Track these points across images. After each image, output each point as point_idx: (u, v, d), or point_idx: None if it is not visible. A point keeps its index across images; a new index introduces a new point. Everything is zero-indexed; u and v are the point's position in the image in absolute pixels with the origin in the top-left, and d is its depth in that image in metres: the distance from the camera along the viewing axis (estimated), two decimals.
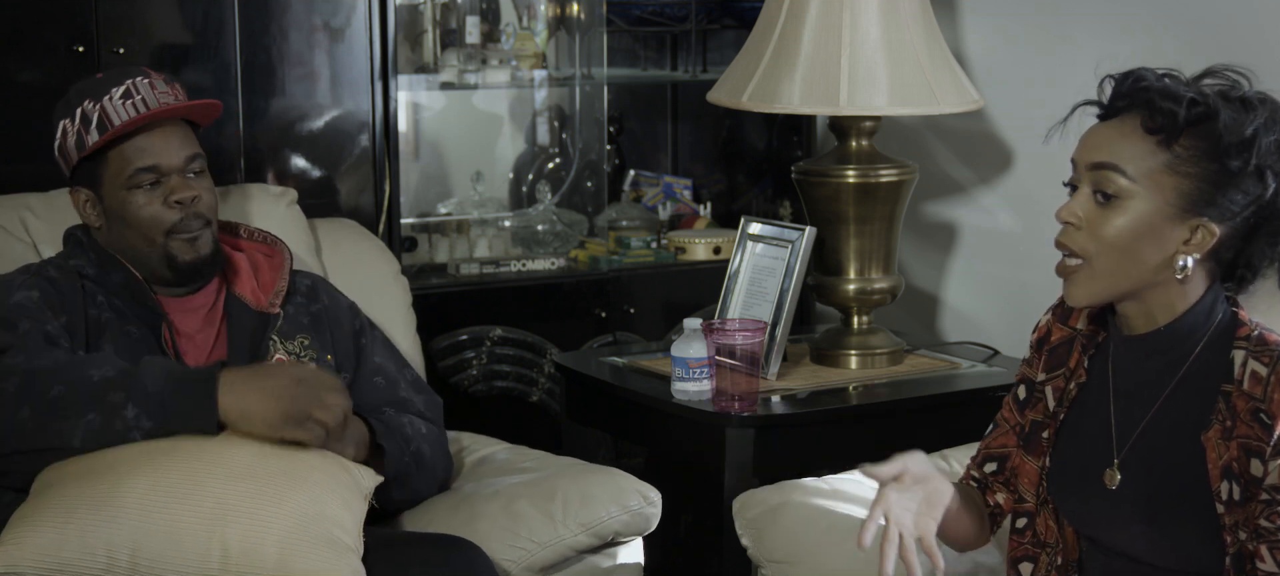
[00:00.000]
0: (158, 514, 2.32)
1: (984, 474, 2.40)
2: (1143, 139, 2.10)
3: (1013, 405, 2.37)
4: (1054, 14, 3.59)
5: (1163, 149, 2.09)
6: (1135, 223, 2.10)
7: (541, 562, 2.71)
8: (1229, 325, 2.15)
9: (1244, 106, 2.09)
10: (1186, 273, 2.11)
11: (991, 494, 2.38)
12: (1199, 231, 2.10)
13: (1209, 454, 2.11)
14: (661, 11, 4.18)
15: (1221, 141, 2.07)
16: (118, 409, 2.41)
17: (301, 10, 3.50)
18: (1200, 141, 2.08)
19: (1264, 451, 2.06)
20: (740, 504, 2.83)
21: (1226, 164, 2.08)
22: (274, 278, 2.81)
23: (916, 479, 2.18)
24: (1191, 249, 2.10)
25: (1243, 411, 2.08)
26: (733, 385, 3.02)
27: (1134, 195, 2.10)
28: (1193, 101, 2.08)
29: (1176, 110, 2.08)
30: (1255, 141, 2.07)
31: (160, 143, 2.67)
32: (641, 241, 3.93)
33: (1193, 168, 2.09)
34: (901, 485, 2.17)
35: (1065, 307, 2.32)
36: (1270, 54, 3.08)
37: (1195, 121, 2.08)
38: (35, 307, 2.59)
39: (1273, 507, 2.05)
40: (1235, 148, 2.07)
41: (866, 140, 3.35)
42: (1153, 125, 2.09)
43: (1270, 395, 2.06)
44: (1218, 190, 2.08)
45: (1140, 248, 2.11)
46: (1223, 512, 2.09)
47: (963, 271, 3.89)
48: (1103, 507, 2.21)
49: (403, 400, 2.82)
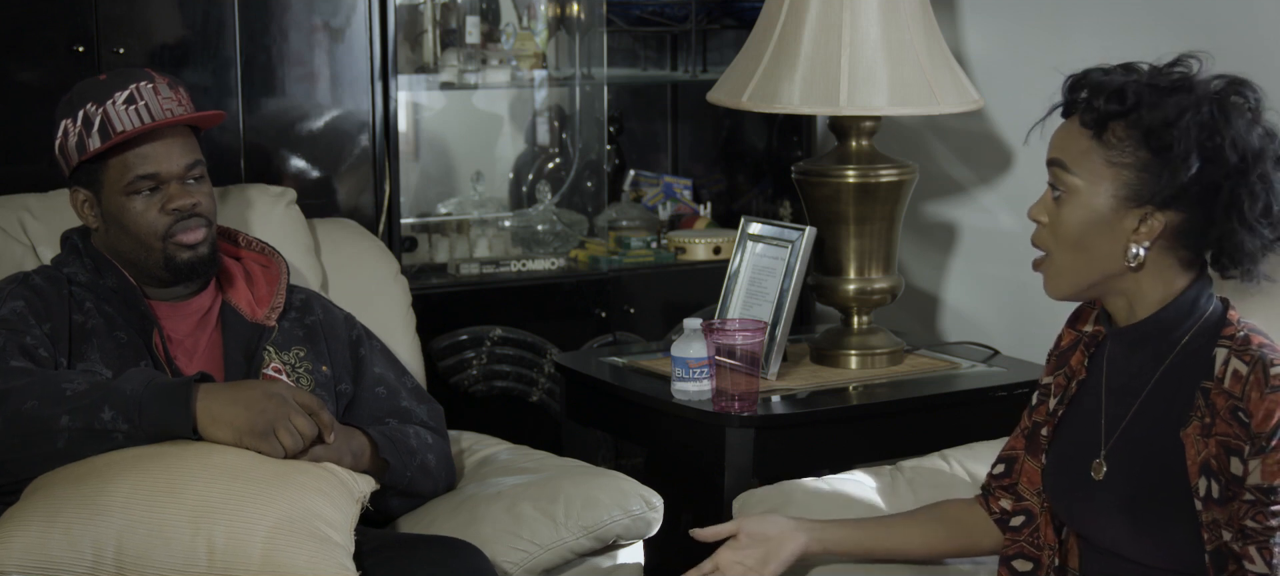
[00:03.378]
0: (144, 512, 2.32)
1: (991, 479, 2.43)
2: (1082, 134, 2.15)
3: (1027, 411, 2.41)
4: (1054, 14, 3.59)
5: (1097, 142, 2.14)
6: (1084, 216, 2.15)
7: (542, 565, 2.71)
8: (1217, 322, 2.17)
9: (1171, 91, 2.12)
10: (1139, 261, 2.14)
11: (996, 501, 2.41)
12: (1147, 220, 2.13)
13: (1188, 450, 2.12)
14: (661, 11, 4.18)
15: (1146, 128, 2.10)
16: (95, 410, 2.41)
17: (301, 10, 3.50)
18: (1132, 131, 2.12)
19: (1243, 450, 2.07)
20: (740, 504, 2.82)
21: (1154, 149, 2.10)
22: (270, 290, 2.80)
23: (753, 537, 2.39)
24: (1141, 238, 2.14)
25: (1222, 409, 2.10)
26: (733, 385, 3.02)
27: (1079, 190, 2.15)
28: (1117, 93, 2.12)
29: (1099, 103, 2.12)
30: (1176, 124, 2.10)
31: (162, 150, 2.67)
32: (641, 241, 3.93)
33: (1128, 157, 2.13)
34: (736, 543, 2.39)
35: (1077, 314, 2.36)
36: (1270, 54, 3.09)
37: (1124, 113, 2.12)
38: (17, 320, 2.59)
39: (1257, 507, 2.06)
40: (1158, 131, 2.10)
41: (866, 140, 3.35)
42: (1086, 120, 2.15)
43: (1249, 394, 2.08)
44: (1153, 177, 2.12)
45: (1092, 240, 2.15)
46: (1201, 509, 2.10)
47: (963, 271, 3.89)
48: (1089, 500, 2.23)
49: (405, 410, 2.82)
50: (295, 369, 2.74)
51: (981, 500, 2.44)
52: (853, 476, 2.88)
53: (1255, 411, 2.07)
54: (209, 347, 2.73)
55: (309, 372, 2.75)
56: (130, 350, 2.64)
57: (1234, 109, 2.11)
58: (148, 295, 2.71)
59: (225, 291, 2.79)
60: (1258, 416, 2.06)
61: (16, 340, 2.56)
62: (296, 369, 2.74)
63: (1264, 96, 2.15)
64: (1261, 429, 2.06)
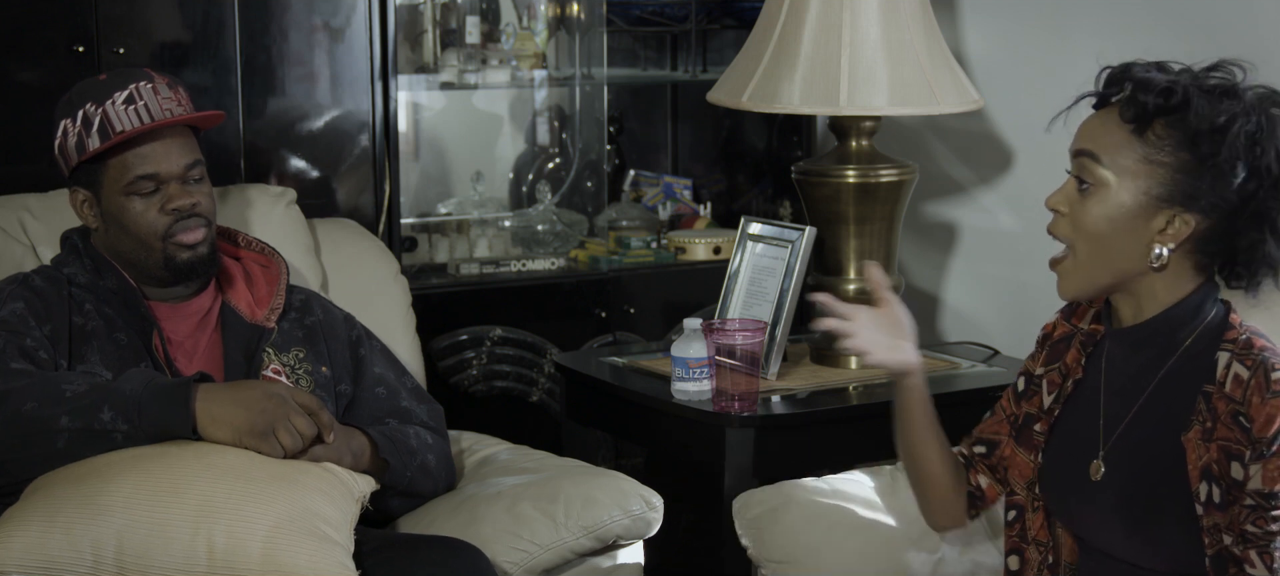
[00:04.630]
0: (144, 512, 2.33)
1: (972, 453, 2.42)
2: (1120, 128, 2.13)
3: (1011, 396, 2.40)
4: (1054, 14, 3.59)
5: (1137, 138, 2.11)
6: (1111, 211, 2.13)
7: (542, 565, 2.71)
8: (1219, 326, 2.16)
9: (1221, 96, 2.10)
10: (1162, 261, 2.12)
11: (975, 474, 2.41)
12: (1175, 221, 2.11)
13: (1188, 454, 2.12)
14: (661, 11, 4.18)
15: (1193, 131, 2.08)
16: (95, 411, 2.41)
17: (301, 10, 3.50)
18: (1174, 131, 2.10)
19: (1244, 454, 2.06)
20: (740, 504, 2.82)
21: (1198, 153, 2.09)
22: (270, 291, 2.80)
23: (894, 321, 2.36)
24: (1167, 239, 2.12)
25: (1223, 413, 2.09)
26: (733, 385, 3.02)
27: (1109, 183, 2.12)
28: (1165, 90, 2.09)
29: (1147, 99, 2.09)
30: (1227, 131, 2.08)
31: (161, 150, 2.67)
32: (641, 241, 3.93)
33: (1167, 157, 2.10)
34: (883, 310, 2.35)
35: (1071, 307, 2.34)
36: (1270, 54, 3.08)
37: (1168, 111, 2.10)
38: (17, 321, 2.59)
39: (1257, 512, 2.05)
40: (1206, 137, 2.08)
41: (866, 140, 3.35)
42: (1127, 114, 2.12)
43: (1249, 398, 2.07)
44: (1191, 180, 2.09)
45: (1116, 236, 2.13)
46: (1202, 514, 2.10)
47: (963, 271, 3.89)
48: (1086, 501, 2.23)
49: (405, 410, 2.82)
50: (295, 370, 2.74)
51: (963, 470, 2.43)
52: (853, 476, 2.88)
53: (1256, 416, 2.06)
54: (209, 348, 2.73)
55: (309, 373, 2.75)
56: (130, 351, 2.64)
57: (1275, 121, 2.10)
58: (147, 296, 2.71)
59: (225, 292, 2.78)
60: (1258, 421, 2.06)
61: (16, 342, 2.56)
62: (296, 370, 2.74)
63: None
64: (1262, 434, 2.05)
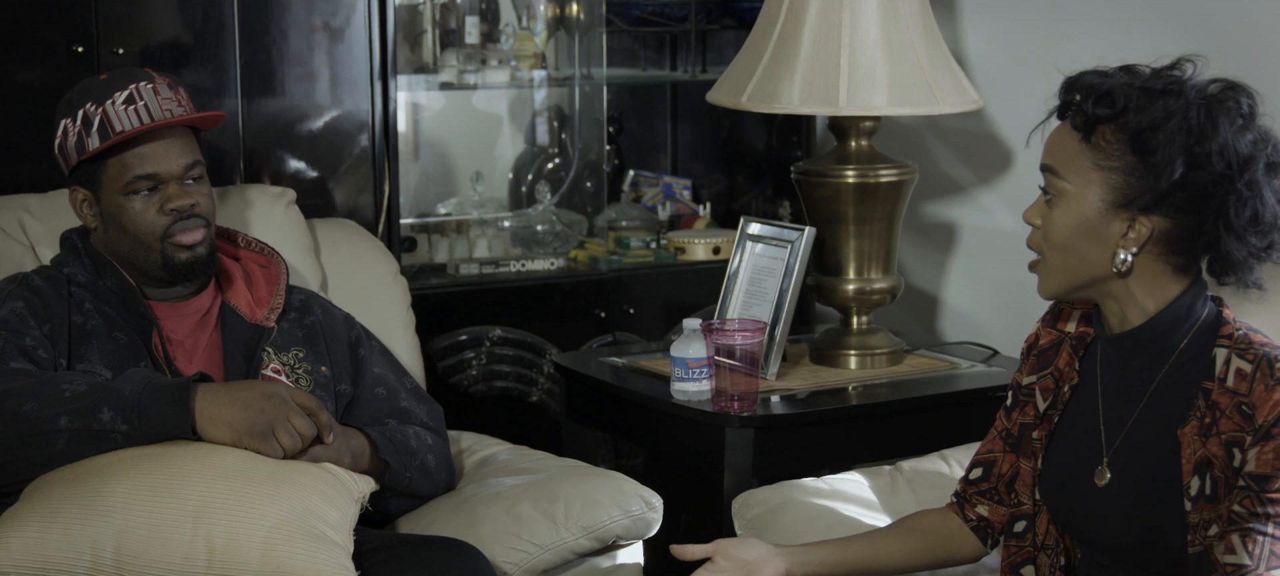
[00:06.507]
0: (142, 512, 2.33)
1: (967, 485, 2.40)
2: (1072, 138, 2.14)
3: (1002, 414, 2.39)
4: (1054, 14, 3.59)
5: (1087, 145, 2.12)
6: (1072, 220, 2.14)
7: (542, 565, 2.71)
8: (1213, 324, 2.16)
9: (1161, 94, 2.10)
10: (1126, 266, 2.13)
11: (972, 508, 2.39)
12: (1136, 225, 2.11)
13: (1183, 448, 2.12)
14: (661, 11, 4.18)
15: (1133, 132, 2.09)
16: (94, 411, 2.41)
17: (301, 10, 3.50)
18: (1120, 134, 2.11)
19: (1245, 441, 2.07)
20: (740, 504, 2.82)
21: (1139, 153, 2.09)
22: (269, 291, 2.80)
23: (731, 561, 2.33)
24: (1129, 243, 2.12)
25: (1225, 407, 2.09)
26: (732, 385, 3.02)
27: (1068, 193, 2.14)
28: (1105, 95, 2.10)
29: (1088, 106, 2.11)
30: (1161, 128, 2.07)
31: (161, 150, 2.67)
32: (641, 241, 3.93)
33: (1116, 161, 2.11)
34: (713, 566, 2.33)
35: (1054, 313, 2.35)
36: (1270, 54, 3.09)
37: (1110, 117, 2.10)
38: (16, 321, 2.59)
39: (1246, 492, 2.05)
40: (1144, 135, 2.09)
41: (866, 140, 3.35)
42: (1076, 122, 2.14)
43: (1254, 388, 2.07)
44: (1140, 181, 2.10)
45: (1081, 244, 2.14)
46: (1190, 509, 2.09)
47: (962, 271, 3.89)
48: (1093, 506, 2.22)
49: (405, 410, 2.82)
50: (294, 369, 2.74)
51: (956, 507, 2.42)
52: (852, 476, 2.88)
53: (1260, 404, 2.06)
54: (208, 348, 2.73)
55: (308, 373, 2.75)
56: (130, 351, 2.64)
57: (1224, 113, 2.08)
58: (147, 296, 2.71)
59: (224, 292, 2.78)
60: (1263, 408, 2.06)
61: (16, 341, 2.56)
62: (295, 369, 2.74)
63: (1260, 101, 2.12)
64: (1265, 418, 2.05)
